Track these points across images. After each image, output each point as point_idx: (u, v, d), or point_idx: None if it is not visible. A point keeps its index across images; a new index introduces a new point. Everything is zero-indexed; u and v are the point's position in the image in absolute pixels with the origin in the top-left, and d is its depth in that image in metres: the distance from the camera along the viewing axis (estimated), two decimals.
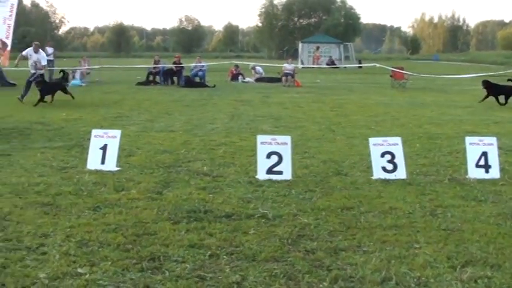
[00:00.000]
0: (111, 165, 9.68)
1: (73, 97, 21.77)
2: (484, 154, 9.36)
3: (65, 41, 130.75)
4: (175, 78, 33.34)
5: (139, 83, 32.49)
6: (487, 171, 9.31)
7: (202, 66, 33.94)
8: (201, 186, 8.60)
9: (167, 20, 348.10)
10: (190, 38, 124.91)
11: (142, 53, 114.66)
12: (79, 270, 5.46)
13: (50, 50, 35.54)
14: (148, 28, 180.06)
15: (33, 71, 22.33)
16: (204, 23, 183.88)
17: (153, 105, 20.48)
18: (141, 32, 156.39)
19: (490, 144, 9.49)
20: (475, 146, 9.47)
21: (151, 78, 33.74)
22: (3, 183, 8.85)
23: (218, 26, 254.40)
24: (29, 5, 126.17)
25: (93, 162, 9.82)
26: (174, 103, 21.50)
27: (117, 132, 10.12)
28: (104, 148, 9.78)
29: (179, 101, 22.56)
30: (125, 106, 20.38)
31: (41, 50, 23.77)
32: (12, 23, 31.98)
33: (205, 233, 6.43)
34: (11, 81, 31.84)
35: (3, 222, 6.96)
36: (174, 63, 33.74)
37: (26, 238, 6.37)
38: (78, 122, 16.03)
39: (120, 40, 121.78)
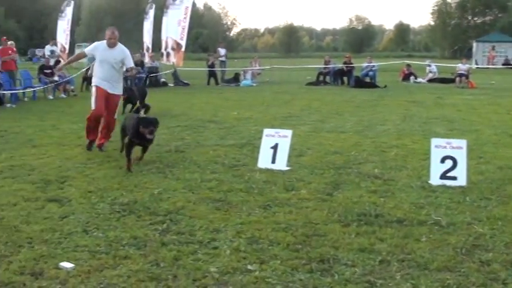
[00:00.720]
0: (281, 164, 9.74)
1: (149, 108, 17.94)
2: None
3: (236, 42, 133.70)
4: (345, 79, 33.28)
5: (309, 83, 32.69)
6: None
7: (373, 66, 33.64)
8: (371, 189, 8.45)
9: (337, 20, 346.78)
10: (360, 37, 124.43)
11: (311, 53, 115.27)
12: (249, 267, 5.52)
13: (222, 51, 36.50)
14: (318, 28, 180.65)
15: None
16: (375, 22, 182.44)
17: (323, 106, 20.49)
18: (310, 32, 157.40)
19: None
20: None
21: (321, 78, 33.84)
22: (177, 179, 9.13)
23: (389, 25, 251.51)
24: (202, 8, 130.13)
25: (264, 161, 9.93)
26: (344, 103, 21.42)
27: (288, 132, 10.17)
28: (275, 147, 9.86)
29: (349, 101, 22.46)
30: (295, 106, 20.51)
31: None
32: (186, 25, 33.10)
33: (375, 237, 6.31)
34: (185, 81, 32.94)
35: (177, 216, 7.17)
36: (345, 63, 33.70)
37: (198, 232, 6.53)
38: (250, 121, 16.27)
39: (290, 41, 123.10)
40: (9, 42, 25.30)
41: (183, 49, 33.50)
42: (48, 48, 29.89)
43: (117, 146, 11.57)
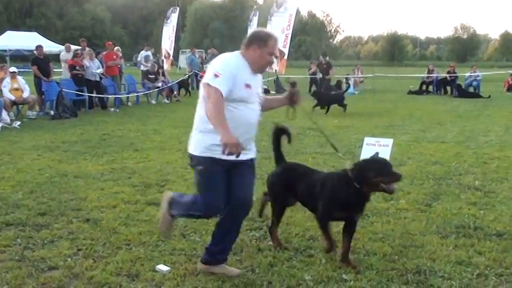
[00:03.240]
0: None
1: None
2: None
3: (339, 49, 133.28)
4: (448, 88, 32.66)
5: (412, 92, 32.28)
6: None
7: (477, 76, 32.91)
8: (471, 201, 8.27)
9: (442, 29, 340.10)
10: (464, 46, 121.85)
11: (415, 62, 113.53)
12: (344, 276, 5.51)
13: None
14: (422, 37, 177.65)
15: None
16: (480, 31, 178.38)
17: (425, 115, 20.17)
18: (414, 40, 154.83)
19: None
20: None
21: (424, 87, 33.35)
22: None
23: (494, 34, 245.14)
24: (306, 15, 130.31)
25: None
26: (446, 113, 21.02)
27: (389, 141, 10.04)
28: None
29: (452, 111, 22.04)
30: (397, 115, 20.29)
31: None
32: (289, 32, 33.26)
33: (474, 250, 6.19)
34: (286, 88, 33.05)
35: None
36: (448, 72, 33.07)
37: (294, 239, 6.58)
38: (350, 129, 16.19)
39: (394, 49, 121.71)
40: (115, 48, 25.89)
41: (285, 57, 33.65)
42: (142, 53, 30.14)
43: None
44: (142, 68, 28.90)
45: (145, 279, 5.44)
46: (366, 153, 9.94)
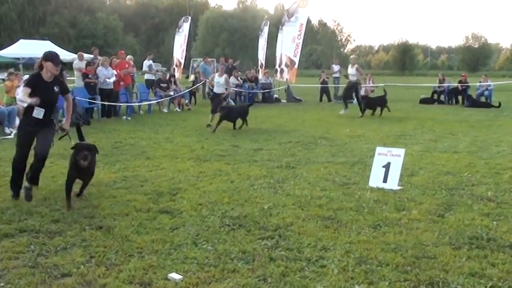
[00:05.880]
0: (393, 183, 9.62)
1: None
2: None
3: (350, 59, 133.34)
4: (460, 98, 32.54)
5: (423, 100, 32.20)
6: None
7: (489, 85, 32.75)
8: (484, 212, 8.20)
9: (453, 38, 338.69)
10: (476, 56, 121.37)
11: (426, 71, 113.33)
12: (356, 287, 5.48)
13: (336, 67, 36.43)
14: (433, 46, 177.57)
15: None
16: (491, 40, 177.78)
17: (436, 125, 20.09)
18: (426, 50, 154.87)
19: None
20: None
21: (435, 96, 33.24)
22: (287, 195, 9.17)
23: (506, 43, 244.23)
24: (317, 24, 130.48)
25: (375, 179, 9.83)
26: (458, 123, 20.92)
27: (401, 151, 10.04)
28: (387, 166, 9.75)
29: (464, 121, 21.92)
30: (408, 124, 20.20)
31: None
32: (300, 42, 33.32)
33: (487, 262, 6.13)
34: (297, 97, 33.15)
35: (286, 232, 7.20)
36: (460, 82, 32.93)
37: (306, 249, 6.53)
38: (362, 138, 16.16)
39: (405, 58, 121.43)
40: (128, 57, 25.92)
41: (296, 66, 33.70)
42: (146, 63, 29.65)
43: (230, 161, 11.66)
44: (146, 76, 28.87)
45: None
46: (378, 163, 9.95)
